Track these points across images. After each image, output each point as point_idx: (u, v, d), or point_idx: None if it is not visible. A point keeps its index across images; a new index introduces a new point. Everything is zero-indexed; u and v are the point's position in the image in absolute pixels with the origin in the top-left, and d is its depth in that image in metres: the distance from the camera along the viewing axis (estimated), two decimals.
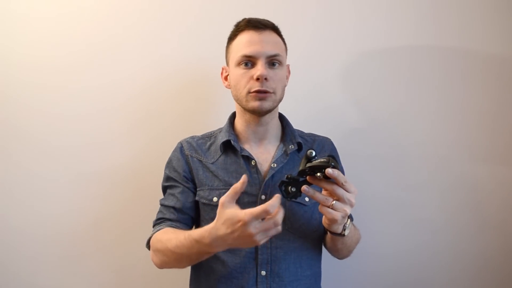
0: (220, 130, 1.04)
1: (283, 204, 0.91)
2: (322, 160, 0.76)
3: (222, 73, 1.03)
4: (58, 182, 1.23)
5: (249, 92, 0.92)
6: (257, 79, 0.90)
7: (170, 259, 0.86)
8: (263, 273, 0.89)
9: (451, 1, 1.22)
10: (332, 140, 1.08)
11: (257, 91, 0.91)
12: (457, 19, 1.22)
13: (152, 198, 1.05)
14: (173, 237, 0.84)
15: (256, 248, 0.90)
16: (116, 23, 1.25)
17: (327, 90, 1.25)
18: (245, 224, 0.69)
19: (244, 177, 0.73)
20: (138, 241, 1.09)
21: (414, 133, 1.23)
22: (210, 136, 1.04)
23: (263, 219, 0.70)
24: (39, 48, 1.24)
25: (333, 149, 1.07)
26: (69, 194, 1.24)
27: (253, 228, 0.69)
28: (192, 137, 1.03)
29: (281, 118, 1.05)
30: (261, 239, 0.71)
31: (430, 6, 1.23)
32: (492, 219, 1.21)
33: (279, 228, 0.71)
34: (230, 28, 1.00)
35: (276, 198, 0.70)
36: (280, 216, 0.71)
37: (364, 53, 1.24)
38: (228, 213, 0.71)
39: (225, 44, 1.01)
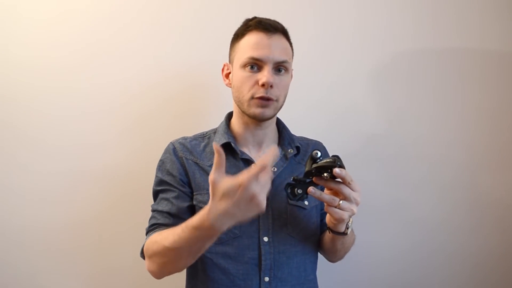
0: (213, 131, 1.01)
1: (284, 208, 0.92)
2: (328, 160, 0.77)
3: (223, 70, 0.99)
4: (56, 182, 1.22)
5: (252, 97, 0.89)
6: (262, 85, 0.87)
7: (169, 259, 0.79)
8: (267, 279, 0.87)
9: (448, 0, 1.24)
10: (328, 140, 1.09)
11: (261, 98, 0.88)
12: (454, 18, 1.24)
13: (148, 200, 1.00)
14: (169, 233, 0.78)
15: (260, 254, 0.87)
16: (112, 25, 1.23)
17: (325, 92, 1.26)
18: (245, 187, 0.64)
19: (215, 146, 0.68)
20: (135, 241, 1.07)
21: (412, 133, 1.25)
22: (203, 136, 1.00)
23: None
24: (36, 49, 1.22)
25: (326, 153, 1.07)
26: (65, 194, 1.22)
27: (254, 187, 0.65)
28: (184, 138, 0.99)
29: (277, 121, 1.03)
30: (263, 198, 0.66)
31: (428, 6, 1.24)
32: (490, 218, 1.23)
33: (269, 182, 0.67)
34: (228, 31, 0.97)
35: (269, 153, 0.66)
36: (270, 168, 0.67)
37: (363, 54, 1.25)
38: (224, 185, 0.66)
39: (223, 47, 0.98)
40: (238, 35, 0.93)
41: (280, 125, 1.03)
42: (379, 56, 1.25)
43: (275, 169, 0.94)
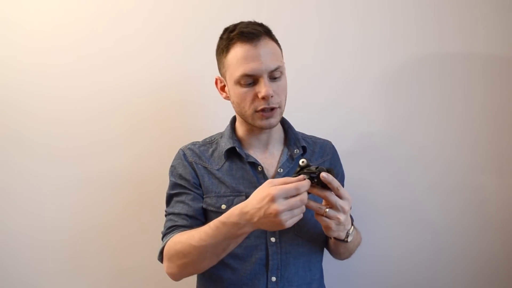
0: (220, 135, 1.02)
1: None
2: (311, 168, 0.76)
3: (216, 83, 0.98)
4: (60, 186, 1.24)
5: (255, 111, 0.89)
6: (263, 98, 0.86)
7: (193, 258, 0.81)
8: (274, 279, 0.89)
9: (452, 3, 1.22)
10: (336, 142, 1.08)
11: (264, 109, 0.88)
12: (458, 21, 1.22)
13: (154, 202, 1.04)
14: (195, 232, 0.81)
15: (267, 254, 0.89)
16: (117, 28, 1.25)
17: (331, 92, 1.26)
18: (272, 199, 0.69)
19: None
20: (140, 244, 1.11)
21: (417, 135, 1.24)
22: (211, 142, 1.02)
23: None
24: (41, 56, 1.24)
25: (334, 152, 1.07)
26: (71, 198, 1.24)
27: (280, 204, 0.69)
28: (193, 144, 1.01)
29: (282, 121, 1.03)
30: (287, 220, 0.70)
31: (432, 9, 1.23)
32: (494, 221, 1.22)
33: (304, 208, 0.72)
34: None
35: (306, 180, 0.72)
36: (306, 195, 0.72)
37: (368, 56, 1.24)
38: (260, 188, 0.72)
39: None
40: (223, 50, 0.90)
41: (285, 125, 1.03)
42: (386, 60, 1.24)
43: (281, 170, 0.95)
